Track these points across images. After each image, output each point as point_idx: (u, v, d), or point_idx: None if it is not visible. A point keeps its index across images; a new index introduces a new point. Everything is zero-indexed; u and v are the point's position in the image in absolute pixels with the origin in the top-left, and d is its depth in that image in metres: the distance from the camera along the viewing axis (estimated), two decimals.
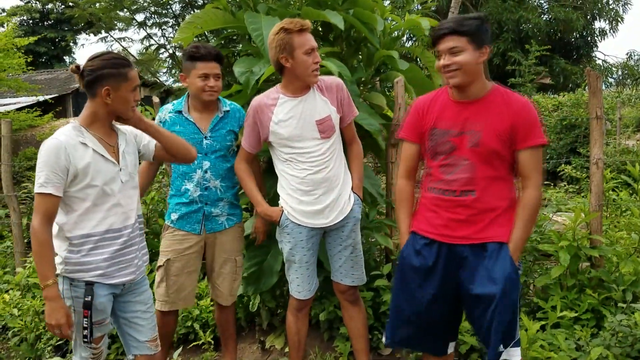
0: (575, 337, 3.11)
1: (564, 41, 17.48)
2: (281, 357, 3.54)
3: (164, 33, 7.67)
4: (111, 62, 2.25)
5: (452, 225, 2.35)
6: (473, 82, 2.28)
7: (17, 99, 14.19)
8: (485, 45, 2.24)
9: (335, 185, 2.80)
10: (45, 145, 2.21)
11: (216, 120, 2.97)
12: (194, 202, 2.95)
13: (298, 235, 2.83)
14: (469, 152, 2.29)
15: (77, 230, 2.26)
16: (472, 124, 2.29)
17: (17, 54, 9.55)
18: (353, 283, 2.92)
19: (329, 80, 2.85)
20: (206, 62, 2.87)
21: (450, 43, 2.24)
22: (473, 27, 2.21)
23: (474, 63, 2.24)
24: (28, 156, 8.70)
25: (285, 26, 2.63)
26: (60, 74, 20.84)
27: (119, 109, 2.28)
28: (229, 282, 3.08)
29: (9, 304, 4.08)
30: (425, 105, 2.45)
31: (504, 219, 2.31)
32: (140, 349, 2.48)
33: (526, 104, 2.27)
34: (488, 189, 2.30)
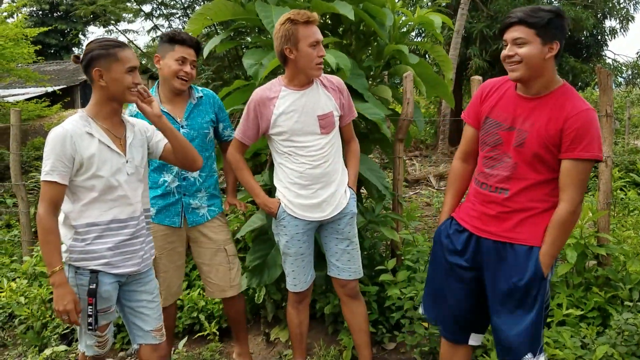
0: (580, 335, 3.10)
1: (574, 39, 17.35)
2: (286, 349, 3.55)
3: (171, 24, 7.67)
4: (101, 44, 2.26)
5: (484, 219, 2.33)
6: (536, 78, 2.16)
7: (26, 89, 14.25)
8: (555, 41, 2.11)
9: (332, 180, 2.80)
10: (52, 133, 2.22)
11: (190, 107, 2.91)
12: (171, 193, 2.89)
13: (294, 228, 2.83)
14: (513, 151, 2.22)
15: (83, 219, 2.27)
16: (523, 121, 2.20)
17: (26, 43, 9.59)
18: (350, 277, 2.91)
19: (332, 78, 2.85)
20: (186, 47, 2.82)
21: (516, 33, 2.14)
22: (544, 20, 2.09)
23: (538, 58, 2.11)
24: (36, 146, 8.75)
25: (292, 17, 2.60)
26: (68, 65, 20.92)
27: (115, 91, 2.27)
28: (224, 272, 3.02)
29: (15, 292, 4.10)
30: (488, 90, 2.38)
31: (538, 221, 2.22)
32: (145, 338, 2.49)
33: (583, 111, 2.09)
34: (525, 191, 2.22)
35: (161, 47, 2.86)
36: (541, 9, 2.13)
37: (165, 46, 2.83)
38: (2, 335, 3.92)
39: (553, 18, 2.10)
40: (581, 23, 16.15)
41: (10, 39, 9.01)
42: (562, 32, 2.13)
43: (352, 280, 2.93)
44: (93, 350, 2.42)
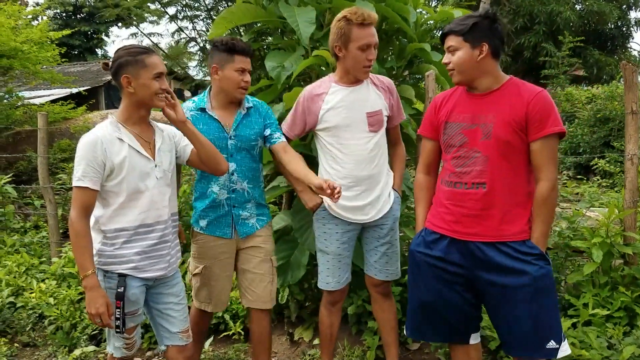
0: (607, 335, 3.07)
1: (598, 32, 17.10)
2: (309, 349, 3.57)
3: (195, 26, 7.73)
4: (129, 51, 2.30)
5: (464, 221, 2.34)
6: (477, 78, 2.32)
7: (51, 90, 14.46)
8: (483, 43, 2.25)
9: (377, 183, 2.79)
10: (84, 140, 2.27)
11: (239, 117, 2.83)
12: (220, 205, 2.82)
13: (334, 227, 2.84)
14: (481, 145, 2.29)
15: (112, 224, 2.32)
16: (484, 116, 2.30)
17: (51, 46, 9.75)
18: (387, 278, 2.92)
19: (382, 78, 2.86)
20: (244, 56, 2.75)
21: (449, 42, 2.32)
22: (468, 26, 2.26)
23: (470, 61, 2.27)
24: (62, 148, 8.89)
25: (348, 15, 2.60)
26: (92, 67, 21.14)
27: (143, 97, 2.31)
28: (266, 284, 2.90)
29: (45, 293, 4.18)
30: (441, 100, 2.51)
31: (517, 215, 2.28)
32: (172, 339, 2.53)
33: (540, 92, 2.23)
34: (500, 182, 2.28)
35: (217, 56, 2.75)
36: (469, 16, 2.31)
37: (222, 56, 2.73)
38: (32, 336, 4.00)
39: (478, 22, 2.26)
40: (605, 16, 15.90)
41: (35, 43, 9.17)
42: (491, 33, 2.27)
43: (387, 281, 2.95)
44: (121, 352, 2.47)
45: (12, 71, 9.28)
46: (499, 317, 2.37)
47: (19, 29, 9.20)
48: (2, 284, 4.46)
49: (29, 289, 4.39)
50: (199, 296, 2.92)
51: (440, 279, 2.42)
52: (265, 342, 3.00)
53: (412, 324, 2.59)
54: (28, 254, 5.12)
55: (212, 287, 2.88)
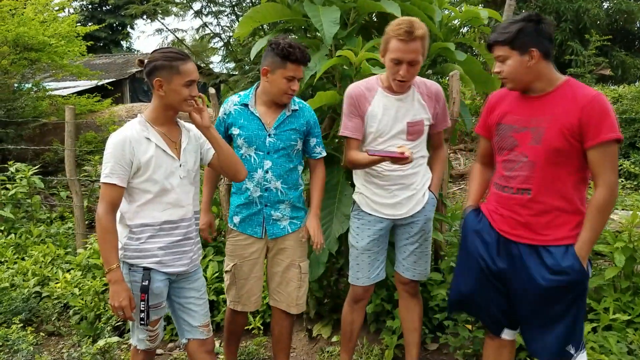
0: (627, 340, 3.06)
1: (625, 31, 16.81)
2: (328, 345, 3.61)
3: (219, 22, 7.77)
4: (165, 55, 2.33)
5: (511, 223, 2.34)
6: (532, 82, 2.27)
7: (77, 82, 14.64)
8: (532, 48, 2.20)
9: (411, 183, 2.81)
10: (113, 138, 2.34)
11: (282, 118, 2.80)
12: (253, 203, 2.82)
13: (366, 223, 2.87)
14: (529, 149, 2.26)
15: (137, 219, 2.39)
16: (536, 119, 2.26)
17: (78, 40, 9.89)
18: (414, 277, 2.94)
19: (431, 86, 2.83)
20: (298, 64, 2.68)
21: (496, 52, 2.28)
22: (512, 34, 2.21)
23: (521, 68, 2.23)
24: (88, 140, 9.03)
25: (393, 26, 2.57)
26: (117, 59, 21.33)
27: (172, 102, 2.36)
28: (294, 289, 2.91)
29: (70, 284, 4.27)
30: (496, 100, 2.48)
31: (564, 221, 2.25)
32: (193, 333, 2.58)
33: (595, 97, 2.15)
34: (547, 188, 2.25)
35: (271, 59, 2.70)
36: (512, 22, 2.25)
37: (276, 60, 2.67)
38: (57, 325, 4.10)
39: (522, 28, 2.20)
40: (633, 15, 15.65)
41: (63, 37, 9.31)
42: (538, 36, 2.21)
43: (414, 281, 2.97)
44: (145, 344, 2.53)
45: (39, 63, 9.43)
46: (524, 313, 2.38)
47: (48, 23, 9.34)
48: (29, 274, 4.57)
49: (54, 279, 4.49)
50: (229, 294, 2.96)
51: (483, 270, 2.43)
52: (284, 342, 3.04)
53: (452, 301, 2.63)
54: (54, 245, 5.23)
55: (241, 285, 2.91)
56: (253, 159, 2.80)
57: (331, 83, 3.66)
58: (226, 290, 2.98)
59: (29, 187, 6.22)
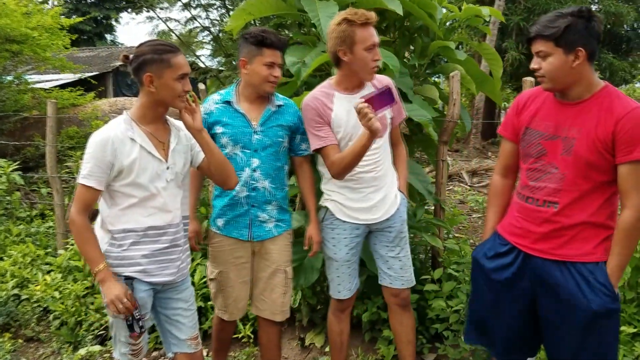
0: (634, 354, 2.95)
1: (613, 34, 16.87)
2: (321, 355, 3.47)
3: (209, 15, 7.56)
4: (154, 48, 2.17)
5: (531, 237, 2.19)
6: (571, 85, 2.06)
7: (59, 75, 14.33)
8: (579, 48, 1.98)
9: (383, 184, 2.70)
10: (95, 137, 2.17)
11: (268, 114, 2.70)
12: (239, 203, 2.69)
13: (342, 232, 2.73)
14: (560, 160, 2.09)
15: (120, 225, 2.22)
16: (568, 128, 2.08)
17: (62, 33, 9.62)
18: (403, 286, 2.80)
19: (383, 79, 2.72)
20: (274, 49, 2.60)
21: (537, 46, 2.06)
22: (560, 30, 1.98)
23: (563, 68, 2.01)
24: (70, 135, 8.77)
25: (349, 17, 2.46)
26: (101, 52, 21.01)
27: (164, 98, 2.20)
28: (279, 295, 2.79)
29: (50, 286, 4.09)
30: (525, 100, 2.28)
31: (590, 235, 2.09)
32: (180, 346, 2.43)
33: (634, 110, 1.97)
34: (576, 203, 2.08)
35: (246, 49, 2.63)
36: (559, 16, 2.02)
37: (252, 49, 2.60)
38: (37, 330, 3.91)
39: (571, 24, 1.99)
40: (622, 18, 15.71)
41: (47, 30, 9.05)
42: (587, 35, 2.00)
43: (405, 290, 2.82)
44: (127, 358, 2.36)
45: (21, 56, 9.17)
46: (549, 340, 2.23)
47: (31, 14, 9.08)
48: (7, 275, 4.36)
49: (34, 281, 4.29)
50: (216, 303, 2.82)
51: (500, 296, 2.29)
52: (273, 352, 2.91)
53: (469, 333, 2.49)
54: (34, 244, 5.02)
55: (228, 293, 2.77)
56: (240, 158, 2.66)
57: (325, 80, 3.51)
58: (213, 298, 2.84)
59: (9, 184, 6.01)
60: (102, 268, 2.15)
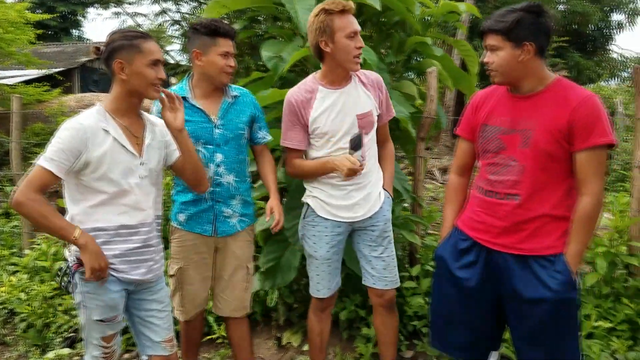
0: (610, 349, 2.96)
1: (579, 33, 17.17)
2: (298, 354, 3.40)
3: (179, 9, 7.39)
4: (123, 35, 2.09)
5: (493, 231, 2.19)
6: (520, 79, 2.11)
7: (24, 71, 13.98)
8: (527, 42, 2.02)
9: (367, 182, 2.63)
10: (67, 124, 2.06)
11: (225, 106, 2.64)
12: (203, 199, 2.62)
13: (323, 230, 2.67)
14: (518, 153, 2.11)
15: (90, 223, 2.11)
16: (524, 121, 2.10)
17: (28, 27, 9.34)
18: (387, 286, 2.72)
19: (370, 75, 2.66)
20: (228, 39, 2.54)
21: (489, 40, 2.10)
22: (510, 23, 2.02)
23: (512, 62, 2.06)
24: (36, 132, 8.53)
25: (326, 7, 2.41)
26: (67, 47, 20.59)
27: (136, 85, 2.10)
28: (240, 292, 2.74)
29: (16, 288, 3.94)
30: (481, 99, 2.30)
31: (552, 228, 2.10)
32: (155, 349, 2.34)
33: (588, 98, 2.00)
34: (536, 195, 2.10)
35: (199, 40, 2.54)
36: (510, 11, 2.06)
37: (205, 40, 2.52)
38: (2, 333, 3.76)
39: (521, 19, 2.03)
40: (588, 17, 15.99)
41: (11, 24, 8.77)
42: (537, 30, 2.05)
43: (390, 290, 2.74)
44: None
45: None
46: (515, 335, 2.23)
47: None
48: None
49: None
50: (173, 300, 2.73)
51: (464, 293, 2.27)
52: (246, 349, 2.85)
53: (434, 335, 2.47)
54: None
55: (186, 291, 2.69)
56: (202, 154, 2.58)
57: (304, 75, 3.45)
58: (171, 296, 2.70)
59: None
60: (80, 232, 2.02)
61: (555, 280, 2.05)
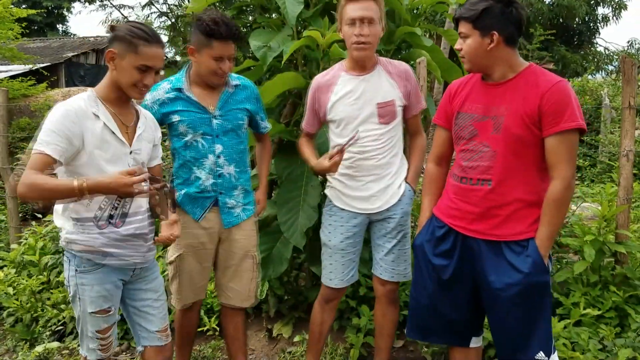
0: (598, 336, 2.99)
1: (565, 27, 17.25)
2: (289, 346, 3.41)
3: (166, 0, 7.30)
4: (131, 29, 2.06)
5: (467, 217, 2.21)
6: (490, 67, 2.15)
7: (9, 66, 13.85)
8: (493, 32, 2.06)
9: (385, 174, 2.62)
10: (56, 108, 2.02)
11: (225, 96, 2.59)
12: (206, 191, 2.60)
13: (339, 220, 2.68)
14: (490, 139, 2.13)
15: (84, 212, 2.09)
16: (496, 108, 2.13)
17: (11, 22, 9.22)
18: (392, 279, 2.71)
19: (399, 65, 2.66)
20: (224, 42, 2.42)
21: (460, 28, 2.15)
22: (477, 12, 2.06)
23: (479, 50, 2.10)
24: (22, 126, 8.43)
25: None
26: (53, 43, 20.41)
27: (119, 80, 2.07)
28: (247, 281, 2.72)
29: (3, 282, 3.90)
30: (455, 88, 2.34)
31: (524, 214, 2.12)
32: (150, 339, 2.33)
33: (557, 83, 2.03)
34: (508, 180, 2.12)
35: (196, 37, 2.46)
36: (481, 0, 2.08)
37: (201, 39, 2.43)
38: None
39: (488, 7, 2.06)
40: (574, 11, 16.06)
41: None
42: (504, 19, 2.07)
43: (393, 283, 2.74)
44: (96, 354, 2.23)
45: None
46: (491, 320, 2.27)
47: None
48: None
49: None
50: (170, 287, 2.70)
51: (443, 281, 2.29)
52: (241, 340, 2.84)
53: (412, 323, 2.47)
54: None
55: (183, 279, 2.66)
56: (201, 145, 2.55)
57: (293, 66, 3.44)
58: (169, 284, 2.70)
59: None
60: (83, 184, 1.87)
61: (526, 264, 2.08)
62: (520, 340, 2.16)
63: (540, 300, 2.13)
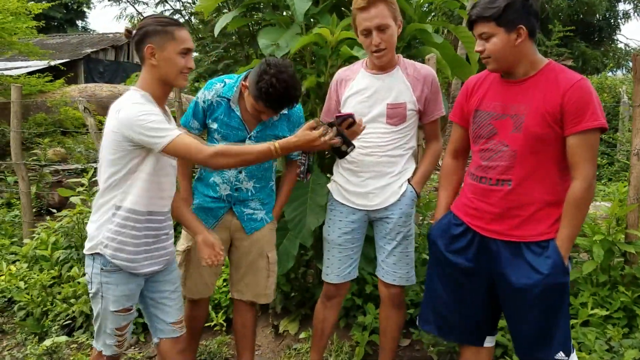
0: (606, 336, 2.95)
1: (585, 23, 17.03)
2: (295, 342, 3.42)
3: None
4: (158, 20, 2.10)
5: (486, 217, 2.19)
6: (516, 64, 2.10)
7: (28, 62, 14.00)
8: (520, 26, 2.02)
9: (386, 173, 2.61)
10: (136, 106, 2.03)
11: (269, 122, 2.60)
12: (220, 199, 2.64)
13: (338, 215, 2.69)
14: (510, 138, 2.10)
15: (126, 202, 2.10)
16: (516, 106, 2.10)
17: (28, 17, 9.31)
18: (395, 282, 2.68)
19: (421, 68, 2.64)
20: (271, 109, 2.44)
21: (480, 28, 2.09)
22: (500, 9, 2.01)
23: (507, 47, 2.05)
24: (38, 122, 8.54)
25: (353, 2, 2.48)
26: (72, 39, 20.59)
27: (166, 72, 2.10)
28: (263, 278, 2.73)
29: (15, 276, 3.96)
30: (473, 84, 2.30)
31: (545, 214, 2.09)
32: (166, 332, 2.37)
33: (578, 81, 2.01)
34: (528, 180, 2.09)
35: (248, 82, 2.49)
36: None
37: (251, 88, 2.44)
38: (1, 321, 3.79)
39: (510, 3, 2.02)
40: (594, 7, 15.86)
41: (11, 13, 8.75)
42: (526, 12, 2.04)
43: (396, 286, 2.70)
44: (112, 350, 2.28)
45: None
46: (509, 320, 2.24)
47: None
48: None
49: None
50: None
51: (458, 278, 2.28)
52: (249, 337, 2.85)
53: (425, 317, 2.45)
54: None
55: (189, 273, 2.68)
56: None
57: (301, 64, 3.44)
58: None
59: None
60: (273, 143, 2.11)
61: (546, 265, 2.05)
62: (540, 340, 2.14)
63: (560, 300, 2.11)
